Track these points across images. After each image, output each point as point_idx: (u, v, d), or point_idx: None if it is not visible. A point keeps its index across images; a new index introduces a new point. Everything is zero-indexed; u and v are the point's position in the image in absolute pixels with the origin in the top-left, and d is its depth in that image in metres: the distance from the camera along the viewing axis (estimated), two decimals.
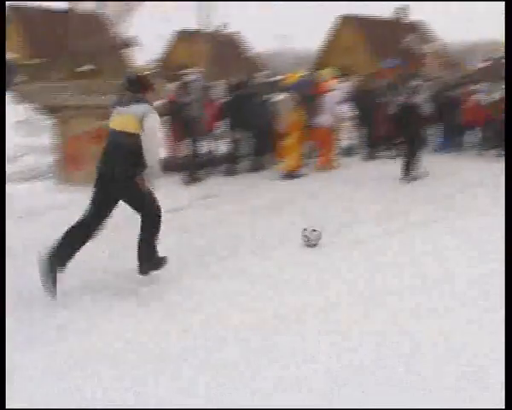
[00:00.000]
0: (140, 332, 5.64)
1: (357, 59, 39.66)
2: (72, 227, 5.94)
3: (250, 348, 5.19)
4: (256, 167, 13.74)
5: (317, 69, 21.35)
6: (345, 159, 15.45)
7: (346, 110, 15.54)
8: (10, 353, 4.64)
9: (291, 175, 12.67)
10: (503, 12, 6.88)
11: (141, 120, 5.77)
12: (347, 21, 44.26)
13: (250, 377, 4.67)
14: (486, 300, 6.06)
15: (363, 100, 16.15)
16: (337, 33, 44.74)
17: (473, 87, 19.57)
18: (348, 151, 16.69)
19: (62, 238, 5.85)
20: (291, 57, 67.37)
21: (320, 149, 14.46)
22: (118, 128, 5.92)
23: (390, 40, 40.43)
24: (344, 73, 17.99)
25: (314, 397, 4.33)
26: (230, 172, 13.07)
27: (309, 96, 14.11)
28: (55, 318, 5.59)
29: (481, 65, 55.55)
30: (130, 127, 5.81)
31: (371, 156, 15.91)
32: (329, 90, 14.06)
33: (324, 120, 13.88)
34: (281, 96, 13.31)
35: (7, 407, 3.97)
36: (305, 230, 7.72)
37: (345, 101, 15.78)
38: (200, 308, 6.16)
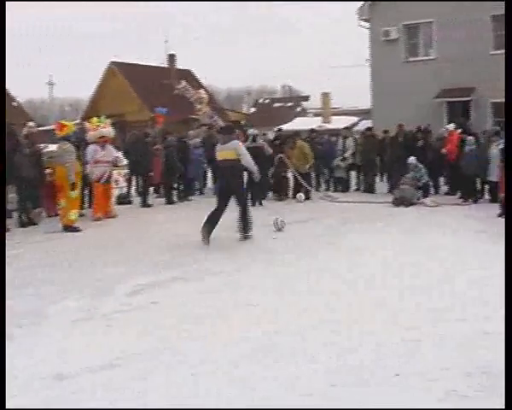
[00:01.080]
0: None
1: (129, 106, 39.97)
2: (212, 212, 10.65)
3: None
4: (25, 223, 12.87)
5: (87, 118, 21.22)
6: (121, 207, 15.55)
7: (120, 158, 15.63)
8: None
9: (72, 228, 12.27)
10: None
11: (236, 150, 10.74)
12: (117, 68, 44.47)
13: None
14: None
15: (137, 148, 16.40)
16: (107, 81, 44.70)
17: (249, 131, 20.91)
18: (124, 199, 16.77)
19: (208, 217, 10.54)
20: (61, 105, 66.07)
21: (96, 199, 14.17)
22: (223, 158, 10.87)
23: (161, 87, 41.37)
24: (115, 121, 18.06)
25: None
26: None
27: (82, 145, 14.08)
28: None
29: (252, 110, 58.98)
30: (231, 156, 10.72)
31: (146, 204, 16.09)
32: (101, 140, 14.07)
33: (98, 170, 13.93)
34: (57, 147, 12.91)
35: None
36: (276, 218, 11.67)
37: (119, 149, 15.93)
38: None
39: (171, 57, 45.94)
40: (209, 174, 19.78)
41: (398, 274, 8.01)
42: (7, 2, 9.84)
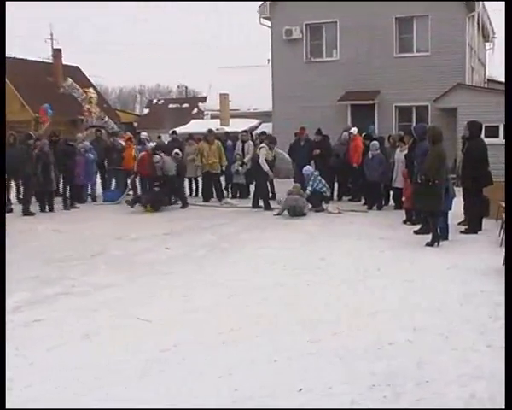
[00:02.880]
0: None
1: (9, 106, 38.62)
2: (254, 196, 16.77)
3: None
4: None
5: None
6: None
7: None
8: None
9: None
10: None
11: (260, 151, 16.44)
12: None
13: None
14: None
15: (14, 151, 15.89)
16: None
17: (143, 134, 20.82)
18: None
19: (254, 201, 16.42)
20: None
21: None
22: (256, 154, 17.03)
23: (46, 85, 40.23)
24: None
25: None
26: None
27: None
28: None
29: (145, 111, 58.45)
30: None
31: (27, 212, 15.57)
32: None
33: None
34: None
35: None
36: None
37: None
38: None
39: (57, 52, 44.74)
40: (98, 180, 19.30)
41: (289, 283, 8.14)
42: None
